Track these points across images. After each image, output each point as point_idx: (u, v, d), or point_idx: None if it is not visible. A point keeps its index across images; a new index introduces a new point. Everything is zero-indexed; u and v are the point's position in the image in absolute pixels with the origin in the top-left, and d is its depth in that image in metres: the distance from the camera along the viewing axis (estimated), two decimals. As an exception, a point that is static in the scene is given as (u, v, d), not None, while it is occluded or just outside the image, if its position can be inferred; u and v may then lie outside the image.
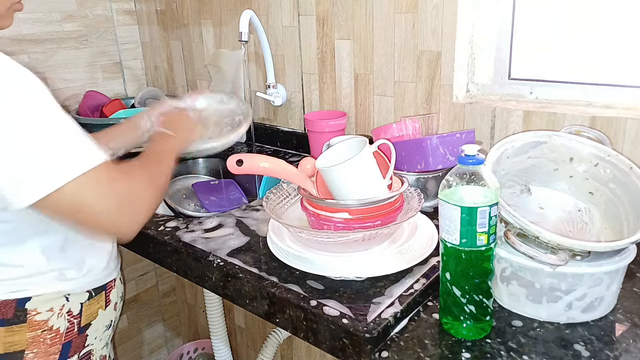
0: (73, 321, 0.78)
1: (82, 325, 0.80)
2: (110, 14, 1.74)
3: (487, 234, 0.61)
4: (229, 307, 1.75)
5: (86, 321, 0.81)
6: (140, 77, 1.88)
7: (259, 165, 0.81)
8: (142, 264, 1.80)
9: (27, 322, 0.74)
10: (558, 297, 0.66)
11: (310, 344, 0.72)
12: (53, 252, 0.75)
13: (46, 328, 0.75)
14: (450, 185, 0.62)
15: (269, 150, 1.48)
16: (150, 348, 1.91)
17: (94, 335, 0.82)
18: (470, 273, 0.62)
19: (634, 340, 0.63)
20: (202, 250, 0.88)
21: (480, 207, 0.60)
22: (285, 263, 0.78)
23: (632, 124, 0.89)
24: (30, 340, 0.74)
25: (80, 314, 0.79)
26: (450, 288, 0.64)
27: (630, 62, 0.96)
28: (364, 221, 0.76)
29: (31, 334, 0.74)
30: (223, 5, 1.51)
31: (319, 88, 1.35)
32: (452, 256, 0.63)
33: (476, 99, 1.11)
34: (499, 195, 0.61)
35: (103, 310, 0.84)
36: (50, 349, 0.76)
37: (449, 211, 0.61)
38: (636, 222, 0.67)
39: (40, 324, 0.75)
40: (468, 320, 0.64)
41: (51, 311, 0.76)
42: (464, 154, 0.61)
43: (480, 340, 0.64)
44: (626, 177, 0.71)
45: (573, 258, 0.63)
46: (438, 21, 1.07)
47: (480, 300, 0.63)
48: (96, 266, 0.82)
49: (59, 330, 0.77)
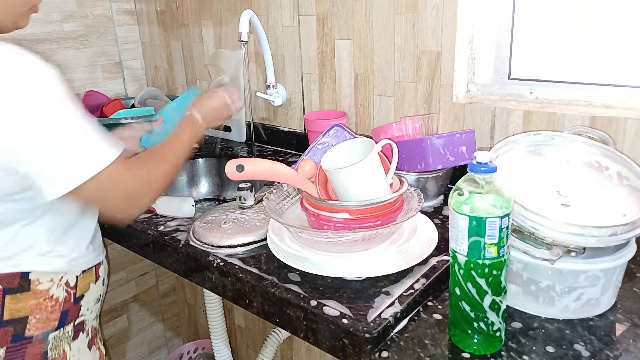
0: (70, 291, 0.85)
1: (77, 296, 0.87)
2: (110, 14, 1.74)
3: (496, 246, 0.58)
4: (229, 307, 1.75)
5: (80, 292, 0.87)
6: (140, 77, 1.88)
7: (260, 170, 0.80)
8: (142, 264, 1.80)
9: (31, 291, 0.80)
10: (554, 294, 0.67)
11: (310, 344, 0.72)
12: (57, 234, 0.82)
13: (47, 297, 0.82)
14: (460, 193, 0.59)
15: (269, 150, 1.48)
16: (150, 348, 1.91)
17: (86, 306, 0.89)
18: (479, 286, 0.60)
19: (634, 340, 0.63)
20: (202, 250, 0.88)
21: (489, 217, 0.57)
22: (285, 263, 0.78)
23: (632, 124, 0.89)
24: (33, 307, 0.80)
25: (76, 286, 0.86)
26: (459, 301, 0.62)
27: (630, 62, 0.96)
28: (364, 221, 0.76)
29: (34, 302, 0.80)
30: (223, 5, 1.51)
31: (319, 88, 1.35)
32: (460, 267, 0.60)
33: (476, 99, 1.11)
34: (512, 205, 0.58)
35: (94, 284, 0.90)
36: (51, 315, 0.83)
37: (457, 220, 0.59)
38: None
39: (42, 293, 0.81)
40: (477, 335, 0.62)
41: (51, 281, 0.82)
42: (476, 161, 0.57)
43: (480, 340, 0.64)
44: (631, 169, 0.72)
45: (568, 254, 0.64)
46: (438, 21, 1.07)
47: (490, 315, 0.61)
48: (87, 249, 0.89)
49: (58, 299, 0.83)
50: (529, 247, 0.65)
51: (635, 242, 0.69)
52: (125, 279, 1.77)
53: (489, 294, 0.60)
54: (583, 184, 0.73)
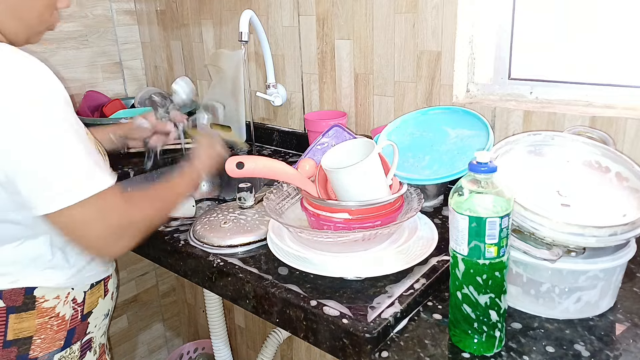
0: (77, 309, 0.82)
1: (85, 312, 0.84)
2: (110, 14, 1.74)
3: (496, 246, 0.58)
4: (229, 307, 1.75)
5: (88, 309, 0.84)
6: (140, 77, 1.88)
7: (260, 167, 0.80)
8: (142, 264, 1.80)
9: (36, 309, 0.77)
10: (554, 295, 0.67)
11: (310, 344, 0.72)
12: (59, 245, 0.79)
13: (53, 315, 0.78)
14: (460, 193, 0.59)
15: (269, 150, 1.48)
16: (150, 348, 1.91)
17: (94, 323, 0.86)
18: (479, 286, 0.60)
19: (634, 340, 0.63)
20: (202, 250, 0.88)
21: (489, 217, 0.56)
22: (285, 263, 0.78)
23: (632, 124, 0.89)
24: (39, 327, 0.77)
25: (84, 302, 0.83)
26: (459, 301, 0.62)
27: (630, 62, 0.96)
28: (364, 221, 0.76)
29: (39, 321, 0.77)
30: (223, 5, 1.51)
31: (319, 88, 1.35)
32: (460, 267, 0.61)
33: (476, 99, 1.11)
34: (512, 205, 0.58)
35: (102, 299, 0.88)
36: (57, 335, 0.79)
37: (457, 220, 0.59)
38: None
39: (47, 311, 0.78)
40: (478, 335, 0.62)
41: (57, 298, 0.79)
42: (476, 161, 0.57)
43: (480, 340, 0.64)
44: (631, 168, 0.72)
45: (568, 254, 0.63)
46: (438, 21, 1.07)
47: (491, 315, 0.61)
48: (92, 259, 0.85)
49: (64, 317, 0.80)
50: (529, 247, 0.65)
51: (635, 242, 0.69)
52: (125, 279, 1.77)
53: (489, 294, 0.60)
54: (583, 184, 0.73)
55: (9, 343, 0.75)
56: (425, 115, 1.05)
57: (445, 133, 0.99)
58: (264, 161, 0.80)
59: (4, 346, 0.74)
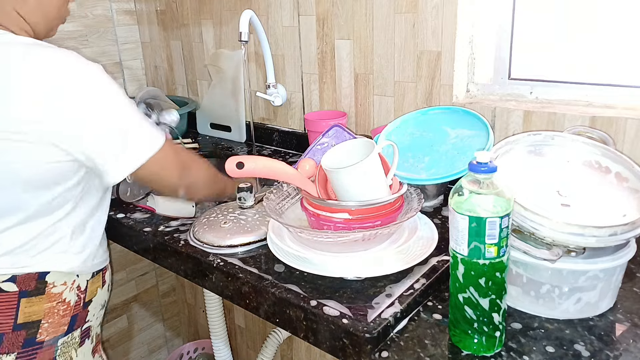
0: (80, 296, 0.87)
1: (86, 300, 0.89)
2: (110, 14, 1.74)
3: (497, 246, 0.58)
4: (229, 307, 1.75)
5: (89, 297, 0.90)
6: (140, 77, 1.88)
7: (260, 167, 0.80)
8: (142, 264, 1.80)
9: (45, 294, 0.81)
10: (555, 296, 0.67)
11: (310, 344, 0.72)
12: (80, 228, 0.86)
13: (60, 300, 0.83)
14: (460, 193, 0.59)
15: (269, 150, 1.48)
16: (150, 348, 1.91)
17: (92, 312, 0.90)
18: (479, 286, 0.60)
19: (634, 340, 0.63)
20: (202, 250, 0.88)
21: (489, 217, 0.56)
22: (285, 263, 0.78)
23: (632, 124, 0.89)
24: (47, 311, 0.82)
25: (86, 290, 0.88)
26: (459, 301, 0.62)
27: (630, 62, 0.96)
28: (364, 221, 0.76)
29: (48, 305, 0.82)
30: (223, 5, 1.51)
31: (319, 88, 1.35)
32: (460, 267, 0.61)
33: (476, 99, 1.11)
34: (512, 205, 0.58)
35: (101, 289, 0.92)
36: (62, 319, 0.84)
37: (457, 220, 0.59)
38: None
39: (55, 296, 0.83)
40: (478, 335, 0.62)
41: (64, 285, 0.84)
42: (476, 161, 0.57)
43: (480, 340, 0.64)
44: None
45: (568, 254, 0.63)
46: (438, 21, 1.07)
47: (491, 316, 0.61)
48: (100, 245, 0.92)
49: (69, 303, 0.84)
50: (529, 247, 0.65)
51: (635, 242, 0.69)
52: (125, 279, 1.77)
53: (489, 294, 0.60)
54: (583, 184, 0.73)
55: (19, 326, 0.79)
56: (425, 115, 1.05)
57: (445, 133, 0.99)
58: (264, 161, 0.80)
59: (14, 329, 0.78)
